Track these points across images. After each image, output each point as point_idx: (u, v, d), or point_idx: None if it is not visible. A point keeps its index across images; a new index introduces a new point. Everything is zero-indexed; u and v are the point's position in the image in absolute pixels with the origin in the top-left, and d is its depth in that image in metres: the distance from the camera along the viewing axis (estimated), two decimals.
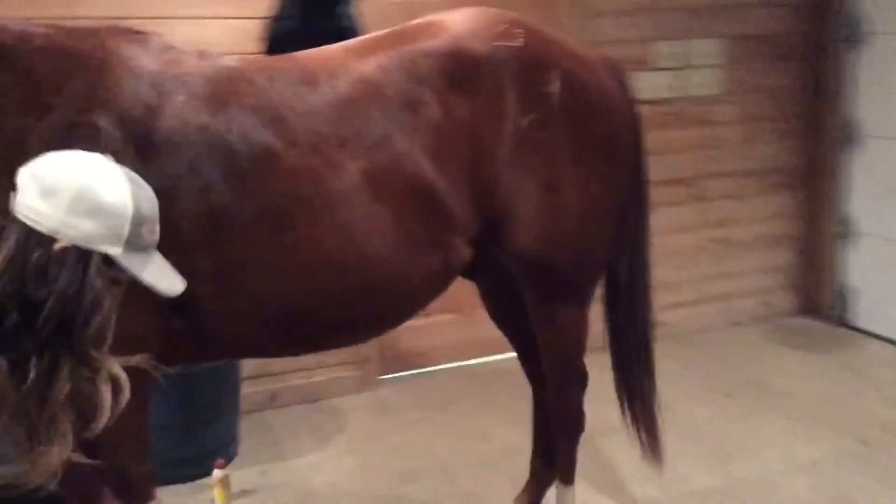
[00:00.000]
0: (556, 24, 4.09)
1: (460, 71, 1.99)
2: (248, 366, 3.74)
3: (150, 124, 1.72)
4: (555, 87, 2.06)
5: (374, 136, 1.90)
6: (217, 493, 3.06)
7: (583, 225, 2.17)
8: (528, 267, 2.20)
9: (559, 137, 2.07)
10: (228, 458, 3.30)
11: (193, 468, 3.12)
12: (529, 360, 2.58)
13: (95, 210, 1.34)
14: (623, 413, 2.64)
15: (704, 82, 4.39)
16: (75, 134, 1.64)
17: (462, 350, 4.20)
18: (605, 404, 2.70)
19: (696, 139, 4.45)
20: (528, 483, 2.75)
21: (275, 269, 1.84)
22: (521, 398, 2.85)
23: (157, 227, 1.44)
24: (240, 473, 3.25)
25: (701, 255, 4.60)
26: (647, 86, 4.26)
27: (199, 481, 3.10)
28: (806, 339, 4.52)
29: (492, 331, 2.71)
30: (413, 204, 1.94)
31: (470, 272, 2.41)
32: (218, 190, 1.77)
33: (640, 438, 2.64)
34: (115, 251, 1.37)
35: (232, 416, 3.40)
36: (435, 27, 2.06)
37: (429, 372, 4.17)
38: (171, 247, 1.71)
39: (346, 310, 1.97)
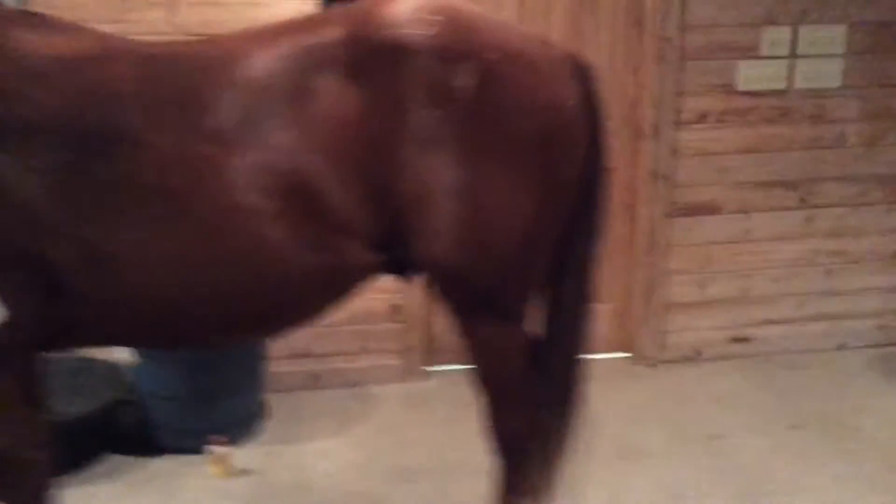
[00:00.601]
0: (643, 7, 3.76)
1: (357, 61, 1.83)
2: (291, 345, 3.77)
3: (8, 110, 1.73)
4: (466, 81, 1.83)
5: (251, 128, 1.79)
6: (211, 468, 3.12)
7: (502, 235, 1.93)
8: (441, 276, 2.01)
9: (473, 137, 1.85)
10: (241, 435, 3.36)
11: (200, 441, 3.17)
12: None
13: None
14: None
15: (821, 73, 3.86)
16: None
17: None
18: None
19: (807, 137, 3.94)
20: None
21: (138, 261, 1.80)
22: None
23: None
24: (249, 451, 3.29)
25: (806, 267, 4.10)
26: (752, 76, 3.84)
27: (204, 454, 3.15)
28: None
29: None
30: (291, 202, 1.81)
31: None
32: (76, 178, 1.75)
33: (526, 482, 2.32)
34: None
35: (250, 393, 3.44)
36: (354, 13, 1.91)
37: None
38: (35, 233, 1.75)
39: (219, 308, 1.90)
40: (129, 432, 3.32)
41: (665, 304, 4.04)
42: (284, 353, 3.80)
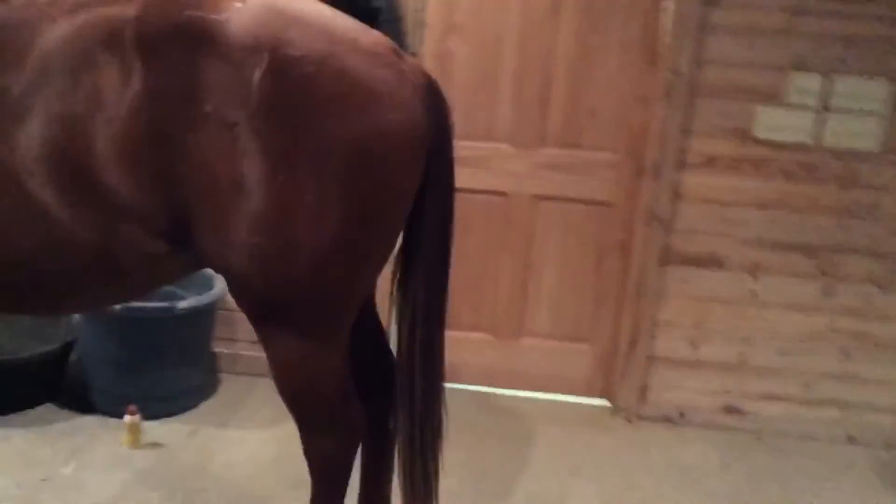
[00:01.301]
0: (656, 35, 3.51)
1: (148, 39, 1.77)
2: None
3: None
4: (259, 75, 1.73)
5: (34, 95, 1.80)
6: (123, 437, 3.19)
7: (298, 246, 1.81)
8: (230, 278, 1.91)
9: (269, 135, 1.74)
10: (172, 410, 3.43)
11: (123, 408, 3.25)
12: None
13: None
14: None
15: (855, 132, 3.45)
16: None
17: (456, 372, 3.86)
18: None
19: (832, 201, 3.53)
20: None
21: None
22: (470, 431, 2.33)
23: None
24: (171, 426, 3.34)
25: (819, 343, 3.67)
26: (773, 124, 3.49)
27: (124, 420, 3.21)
28: None
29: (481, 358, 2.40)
30: (63, 173, 1.79)
31: None
32: None
33: None
34: None
35: (187, 370, 3.48)
36: None
37: None
38: None
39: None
40: (67, 384, 3.46)
41: (650, 356, 3.74)
42: (249, 336, 3.84)
